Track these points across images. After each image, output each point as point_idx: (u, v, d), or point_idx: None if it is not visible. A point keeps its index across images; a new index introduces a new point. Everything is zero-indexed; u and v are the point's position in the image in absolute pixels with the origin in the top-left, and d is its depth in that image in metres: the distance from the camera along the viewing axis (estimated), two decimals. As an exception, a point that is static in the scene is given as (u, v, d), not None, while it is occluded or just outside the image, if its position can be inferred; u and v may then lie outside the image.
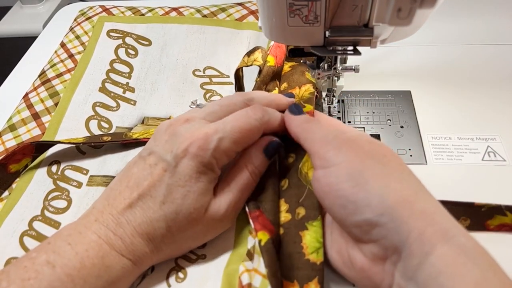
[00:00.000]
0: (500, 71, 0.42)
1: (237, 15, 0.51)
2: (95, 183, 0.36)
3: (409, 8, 0.21)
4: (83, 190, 0.36)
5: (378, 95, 0.41)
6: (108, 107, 0.43)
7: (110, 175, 0.37)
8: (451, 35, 0.47)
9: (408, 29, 0.27)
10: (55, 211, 0.35)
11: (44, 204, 0.35)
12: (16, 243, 0.32)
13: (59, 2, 0.71)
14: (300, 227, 0.28)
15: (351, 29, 0.27)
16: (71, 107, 0.43)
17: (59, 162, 0.38)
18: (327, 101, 0.38)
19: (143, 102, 0.43)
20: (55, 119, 0.42)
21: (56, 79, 0.46)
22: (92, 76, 0.46)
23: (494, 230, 0.30)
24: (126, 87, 0.45)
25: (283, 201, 0.29)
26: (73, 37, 0.51)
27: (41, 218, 0.34)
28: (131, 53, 0.48)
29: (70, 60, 0.48)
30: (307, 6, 0.25)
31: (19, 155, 0.36)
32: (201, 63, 0.46)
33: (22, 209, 0.35)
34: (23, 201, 0.35)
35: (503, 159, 0.34)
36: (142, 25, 0.51)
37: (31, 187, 0.37)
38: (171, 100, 0.43)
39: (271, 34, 0.30)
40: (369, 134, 0.37)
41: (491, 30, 0.47)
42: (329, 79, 0.36)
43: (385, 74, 0.43)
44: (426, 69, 0.43)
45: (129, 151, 0.38)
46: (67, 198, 0.35)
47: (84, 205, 0.35)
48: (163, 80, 0.45)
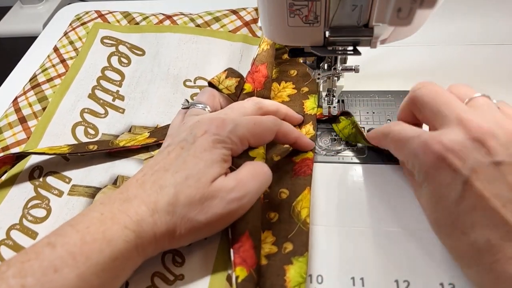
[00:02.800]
0: (500, 71, 0.42)
1: (231, 26, 0.50)
2: (76, 193, 0.36)
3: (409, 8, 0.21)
4: (64, 199, 0.35)
5: (378, 95, 0.41)
6: (96, 114, 0.43)
7: (93, 185, 0.36)
8: (451, 35, 0.46)
9: (408, 29, 0.27)
10: (34, 220, 0.34)
11: (24, 212, 0.35)
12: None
13: (59, 2, 0.71)
14: (285, 261, 0.28)
15: (351, 29, 0.27)
16: (58, 112, 0.43)
17: (42, 167, 0.38)
18: (327, 101, 0.38)
19: (131, 110, 0.43)
20: (42, 123, 0.42)
21: (46, 84, 0.46)
22: (83, 82, 0.46)
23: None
24: (116, 95, 0.45)
25: (270, 233, 0.30)
26: (67, 42, 0.51)
27: (19, 227, 0.34)
28: (124, 61, 0.48)
29: (61, 65, 0.48)
30: (307, 6, 0.25)
31: (0, 163, 0.36)
32: (192, 73, 0.46)
33: (1, 217, 0.35)
34: (2, 208, 0.35)
35: (503, 159, 0.34)
36: (137, 34, 0.51)
37: (11, 193, 0.36)
38: (159, 110, 0.42)
39: (271, 34, 0.30)
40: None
41: (491, 30, 0.46)
42: (329, 79, 0.36)
43: (385, 74, 0.43)
44: (426, 69, 0.43)
45: (115, 161, 0.38)
46: (47, 207, 0.35)
47: (64, 215, 0.34)
48: (154, 90, 0.45)
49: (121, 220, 0.25)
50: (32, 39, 0.56)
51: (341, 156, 0.36)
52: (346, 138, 0.37)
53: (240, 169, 0.29)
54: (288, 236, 0.30)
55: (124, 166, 0.37)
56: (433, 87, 0.28)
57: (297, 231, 0.30)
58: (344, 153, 0.36)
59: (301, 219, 0.30)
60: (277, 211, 0.31)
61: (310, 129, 0.37)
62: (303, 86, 0.41)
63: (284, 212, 0.31)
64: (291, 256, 0.28)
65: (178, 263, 0.30)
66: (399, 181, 0.34)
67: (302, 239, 0.29)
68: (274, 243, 0.29)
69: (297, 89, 0.41)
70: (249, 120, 0.30)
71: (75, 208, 0.35)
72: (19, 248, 0.32)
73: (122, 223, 0.25)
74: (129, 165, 0.37)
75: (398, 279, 0.28)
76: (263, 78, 0.39)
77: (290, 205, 0.31)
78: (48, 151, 0.37)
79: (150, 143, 0.38)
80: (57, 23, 0.58)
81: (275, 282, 0.27)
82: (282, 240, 0.29)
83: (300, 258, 0.28)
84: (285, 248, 0.29)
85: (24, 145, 0.40)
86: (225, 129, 0.29)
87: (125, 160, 0.38)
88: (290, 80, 0.42)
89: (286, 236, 0.30)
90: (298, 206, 0.31)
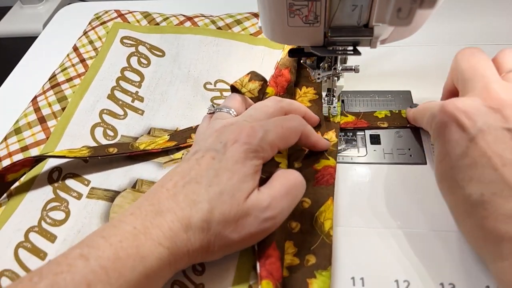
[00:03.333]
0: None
1: (252, 29, 0.50)
2: (95, 196, 0.35)
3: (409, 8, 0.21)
4: (83, 202, 0.35)
5: (378, 95, 0.41)
6: (115, 115, 0.42)
7: (112, 189, 0.36)
8: (451, 35, 0.46)
9: (408, 29, 0.27)
10: (53, 222, 0.34)
11: (42, 214, 0.34)
12: (11, 254, 0.31)
13: (59, 2, 0.71)
14: (308, 274, 0.28)
15: (351, 29, 0.27)
16: (78, 112, 0.42)
17: (61, 169, 0.37)
18: (327, 101, 0.38)
19: (151, 112, 0.43)
20: (61, 124, 0.41)
21: (66, 84, 0.45)
22: (102, 83, 0.45)
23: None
24: (135, 96, 0.44)
25: (291, 244, 0.30)
26: (87, 41, 0.51)
27: (38, 229, 0.33)
28: (143, 62, 0.48)
29: (81, 64, 0.48)
30: (307, 6, 0.25)
31: (19, 166, 0.35)
32: (212, 76, 0.45)
33: (19, 218, 0.34)
34: (21, 210, 0.35)
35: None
36: (156, 35, 0.51)
37: (30, 194, 0.36)
38: (179, 112, 0.42)
39: (271, 34, 0.30)
40: (368, 134, 0.37)
41: (491, 30, 0.47)
42: (329, 79, 0.36)
43: (385, 74, 0.43)
44: (426, 69, 0.43)
45: (134, 165, 0.37)
46: (66, 209, 0.35)
47: (82, 218, 0.34)
48: (173, 92, 0.44)
49: (154, 236, 0.24)
50: (32, 39, 0.56)
51: (341, 156, 0.36)
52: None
53: (273, 182, 0.28)
54: (311, 248, 0.29)
55: (143, 169, 0.37)
56: (474, 53, 0.29)
57: (320, 243, 0.29)
58: (344, 153, 0.36)
59: (324, 231, 0.30)
60: (299, 221, 0.31)
61: (332, 137, 0.36)
62: None
63: (306, 222, 0.30)
64: (314, 270, 0.28)
65: (198, 272, 0.29)
66: (399, 181, 0.34)
67: (326, 252, 0.28)
68: (296, 254, 0.29)
69: (318, 95, 0.40)
70: (277, 123, 0.30)
71: (94, 212, 0.34)
72: (37, 251, 0.32)
73: (156, 239, 0.24)
74: (149, 168, 0.37)
75: (398, 279, 0.28)
76: (286, 82, 0.39)
77: (312, 215, 0.31)
78: (68, 154, 0.36)
79: (170, 146, 0.38)
80: (57, 23, 0.58)
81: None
82: (305, 252, 0.29)
83: (323, 272, 0.28)
84: (307, 260, 0.28)
85: (43, 145, 0.39)
86: (256, 137, 0.28)
87: (144, 163, 0.37)
88: (311, 85, 0.41)
89: (309, 247, 0.29)
90: (321, 217, 0.31)
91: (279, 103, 0.33)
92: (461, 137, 0.25)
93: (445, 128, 0.26)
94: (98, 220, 0.34)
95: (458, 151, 0.25)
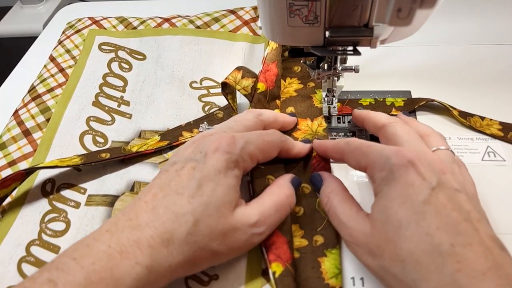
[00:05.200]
0: (500, 71, 0.42)
1: (230, 26, 0.50)
2: (94, 203, 0.35)
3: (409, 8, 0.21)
4: (82, 210, 0.34)
5: (378, 95, 0.41)
6: (102, 121, 0.42)
7: (110, 194, 0.35)
8: (451, 35, 0.47)
9: (408, 29, 0.27)
10: (53, 234, 0.33)
11: (41, 226, 0.33)
12: (14, 271, 0.31)
13: (59, 2, 0.71)
14: (318, 253, 0.29)
15: (351, 29, 0.27)
16: (63, 122, 0.41)
17: (54, 180, 0.36)
18: (327, 101, 0.38)
19: (139, 115, 0.42)
20: (47, 135, 0.40)
21: (47, 94, 0.44)
22: (85, 90, 0.45)
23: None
24: (121, 101, 0.44)
25: (297, 227, 0.30)
26: (63, 51, 0.50)
27: (39, 242, 0.32)
28: (124, 67, 0.47)
29: (61, 74, 0.47)
30: (307, 6, 0.25)
31: (9, 181, 0.34)
32: (197, 75, 0.46)
33: (18, 233, 0.33)
34: (18, 224, 0.34)
35: (503, 159, 0.34)
36: (135, 39, 0.51)
37: (25, 209, 0.35)
38: (168, 113, 0.42)
39: (271, 34, 0.30)
40: (369, 134, 0.37)
41: (491, 30, 0.47)
42: (329, 79, 0.36)
43: (385, 74, 0.43)
44: (426, 69, 0.43)
45: (129, 167, 0.37)
46: (65, 219, 0.34)
47: (84, 226, 0.33)
48: (159, 93, 0.44)
49: (131, 255, 0.23)
50: (32, 39, 0.56)
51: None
52: None
53: (265, 197, 0.28)
54: (317, 229, 0.30)
55: (139, 171, 0.37)
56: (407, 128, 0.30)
57: (325, 225, 0.30)
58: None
59: None
60: (302, 205, 0.31)
61: (322, 122, 0.37)
62: (309, 81, 0.41)
63: (309, 206, 0.31)
64: (324, 249, 0.29)
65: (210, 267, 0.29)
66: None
67: (332, 231, 0.29)
68: (303, 236, 0.30)
69: (303, 84, 0.41)
70: (258, 136, 0.29)
71: (95, 218, 0.34)
72: (41, 264, 0.31)
73: (133, 258, 0.23)
74: (144, 169, 0.37)
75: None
76: (274, 76, 0.39)
77: (314, 200, 0.32)
78: (59, 163, 0.35)
79: (163, 146, 0.38)
80: (57, 23, 0.58)
81: (311, 275, 0.28)
82: (312, 233, 0.30)
83: (333, 250, 0.29)
84: (315, 241, 0.29)
85: (31, 158, 0.38)
86: (236, 147, 0.27)
87: (139, 164, 0.37)
88: (294, 76, 0.42)
89: (315, 229, 0.30)
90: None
91: (259, 117, 0.33)
92: (422, 184, 0.24)
93: (404, 171, 0.24)
94: (100, 223, 0.33)
95: (421, 197, 0.23)
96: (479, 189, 0.32)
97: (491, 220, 0.25)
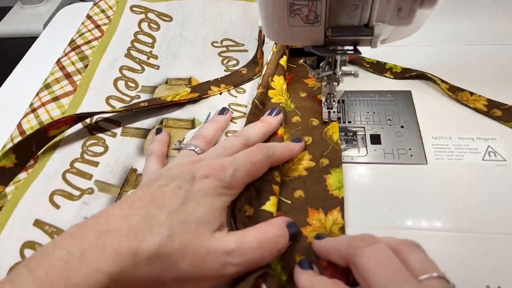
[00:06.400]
0: (500, 71, 0.42)
1: None
2: (129, 134, 0.40)
3: (410, 8, 0.21)
4: (118, 139, 0.40)
5: (378, 95, 0.41)
6: (134, 70, 0.47)
7: (143, 127, 0.40)
8: (451, 35, 0.47)
9: (408, 29, 0.27)
10: (94, 154, 0.38)
11: (83, 149, 0.39)
12: (59, 180, 0.36)
13: (59, 2, 0.71)
14: (324, 172, 0.34)
15: (351, 29, 0.27)
16: (99, 69, 0.46)
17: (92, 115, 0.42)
18: (327, 106, 0.38)
19: (166, 67, 0.48)
20: (85, 79, 0.45)
21: (85, 46, 0.49)
22: (118, 44, 0.50)
23: None
24: (150, 55, 0.50)
25: (307, 153, 0.35)
26: (98, 11, 0.54)
27: (81, 160, 0.38)
28: (153, 26, 0.53)
29: (97, 30, 0.52)
30: (307, 6, 0.25)
31: (61, 123, 0.38)
32: (218, 36, 0.51)
33: (62, 153, 0.38)
34: (63, 148, 0.39)
35: (504, 159, 0.34)
36: (162, 3, 0.56)
37: (68, 136, 0.40)
38: (191, 65, 0.48)
39: (272, 34, 0.30)
40: (369, 134, 0.37)
41: (491, 30, 0.47)
42: (329, 84, 0.36)
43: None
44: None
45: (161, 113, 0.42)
46: (104, 145, 0.39)
47: (121, 150, 0.39)
48: (184, 50, 0.50)
49: (92, 261, 0.21)
50: (32, 39, 0.56)
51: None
52: None
53: (249, 231, 0.26)
54: (323, 153, 0.35)
55: (168, 110, 0.42)
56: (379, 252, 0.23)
57: (331, 150, 0.35)
58: (344, 153, 0.36)
59: (333, 141, 0.36)
60: (310, 135, 0.36)
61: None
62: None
63: (316, 135, 0.36)
64: (329, 168, 0.34)
65: None
66: (399, 181, 0.34)
67: (337, 155, 0.34)
68: (311, 159, 0.34)
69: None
70: (246, 159, 0.29)
71: (130, 145, 0.39)
72: (83, 174, 0.37)
73: (94, 265, 0.21)
74: (172, 108, 0.42)
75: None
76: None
77: (322, 130, 0.37)
78: (107, 111, 0.40)
79: (194, 97, 0.42)
80: (58, 23, 0.58)
81: (317, 188, 0.33)
82: (319, 157, 0.35)
83: (336, 169, 0.34)
84: (322, 162, 0.34)
85: (72, 95, 0.44)
86: (227, 175, 0.27)
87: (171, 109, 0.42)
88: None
89: (321, 153, 0.35)
90: (329, 132, 0.37)
91: (247, 143, 0.33)
92: None
93: None
94: (135, 150, 0.39)
95: None
96: (479, 189, 0.32)
97: (491, 220, 0.25)
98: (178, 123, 0.41)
